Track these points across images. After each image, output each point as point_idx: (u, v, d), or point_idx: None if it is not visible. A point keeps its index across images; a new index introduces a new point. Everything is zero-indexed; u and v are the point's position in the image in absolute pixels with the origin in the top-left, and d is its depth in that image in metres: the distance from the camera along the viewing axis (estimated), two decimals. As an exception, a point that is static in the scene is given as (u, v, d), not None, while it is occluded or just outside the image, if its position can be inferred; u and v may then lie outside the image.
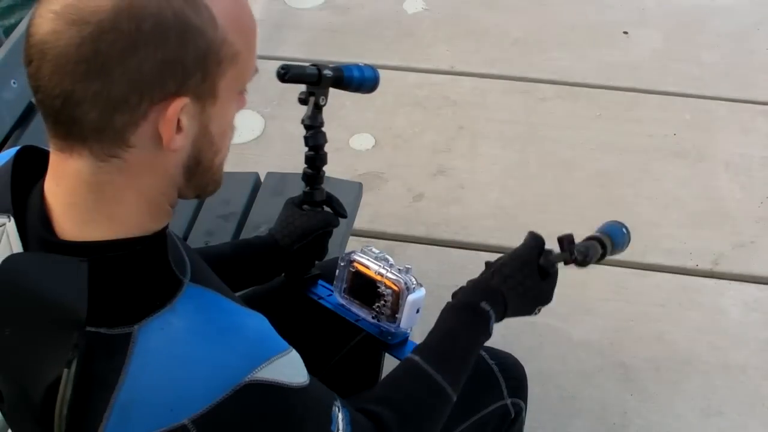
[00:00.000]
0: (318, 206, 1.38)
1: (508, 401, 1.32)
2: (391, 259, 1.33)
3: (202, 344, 0.79)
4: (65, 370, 0.76)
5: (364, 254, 1.34)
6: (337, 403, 0.93)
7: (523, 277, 1.16)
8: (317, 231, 1.35)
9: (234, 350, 0.79)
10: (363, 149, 2.75)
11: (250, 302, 0.88)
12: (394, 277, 1.29)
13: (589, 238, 1.18)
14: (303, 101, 1.29)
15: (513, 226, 2.48)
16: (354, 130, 2.80)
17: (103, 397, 0.77)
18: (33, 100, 0.79)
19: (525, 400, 1.36)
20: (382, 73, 1.36)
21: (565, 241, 1.16)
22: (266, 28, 3.29)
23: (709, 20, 3.35)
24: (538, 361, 2.05)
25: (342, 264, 1.36)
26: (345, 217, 1.41)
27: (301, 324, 1.40)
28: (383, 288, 1.30)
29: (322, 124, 1.32)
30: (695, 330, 2.20)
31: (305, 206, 1.37)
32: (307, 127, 1.32)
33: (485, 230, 2.46)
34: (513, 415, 1.33)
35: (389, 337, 1.34)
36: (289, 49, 3.18)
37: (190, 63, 0.77)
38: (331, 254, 1.55)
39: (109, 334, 0.78)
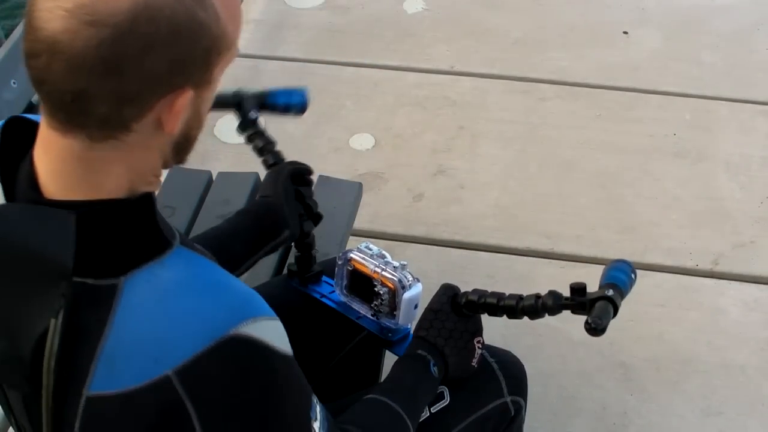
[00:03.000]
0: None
1: (508, 399, 1.32)
2: (388, 256, 1.33)
3: (188, 296, 0.80)
4: (52, 320, 0.77)
5: (361, 252, 1.34)
6: (316, 399, 0.93)
7: (441, 322, 1.24)
8: (292, 175, 1.36)
9: (220, 303, 0.80)
10: (363, 149, 2.75)
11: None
12: (389, 275, 1.30)
13: (601, 297, 1.13)
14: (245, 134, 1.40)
15: (513, 226, 2.48)
16: (354, 130, 2.80)
17: (89, 349, 0.77)
18: (34, 96, 0.79)
19: (525, 398, 1.37)
20: (382, 73, 1.36)
21: (576, 291, 1.14)
22: (266, 28, 3.29)
23: (709, 20, 3.34)
24: (538, 360, 2.05)
25: (340, 262, 1.37)
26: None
27: (302, 323, 1.40)
28: (380, 286, 1.31)
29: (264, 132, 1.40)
30: (695, 330, 2.20)
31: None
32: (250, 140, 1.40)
33: (485, 230, 2.46)
34: (513, 413, 1.34)
35: (390, 334, 1.34)
36: (289, 49, 3.18)
37: (198, 58, 0.79)
38: (330, 254, 1.55)
39: (95, 284, 0.78)
